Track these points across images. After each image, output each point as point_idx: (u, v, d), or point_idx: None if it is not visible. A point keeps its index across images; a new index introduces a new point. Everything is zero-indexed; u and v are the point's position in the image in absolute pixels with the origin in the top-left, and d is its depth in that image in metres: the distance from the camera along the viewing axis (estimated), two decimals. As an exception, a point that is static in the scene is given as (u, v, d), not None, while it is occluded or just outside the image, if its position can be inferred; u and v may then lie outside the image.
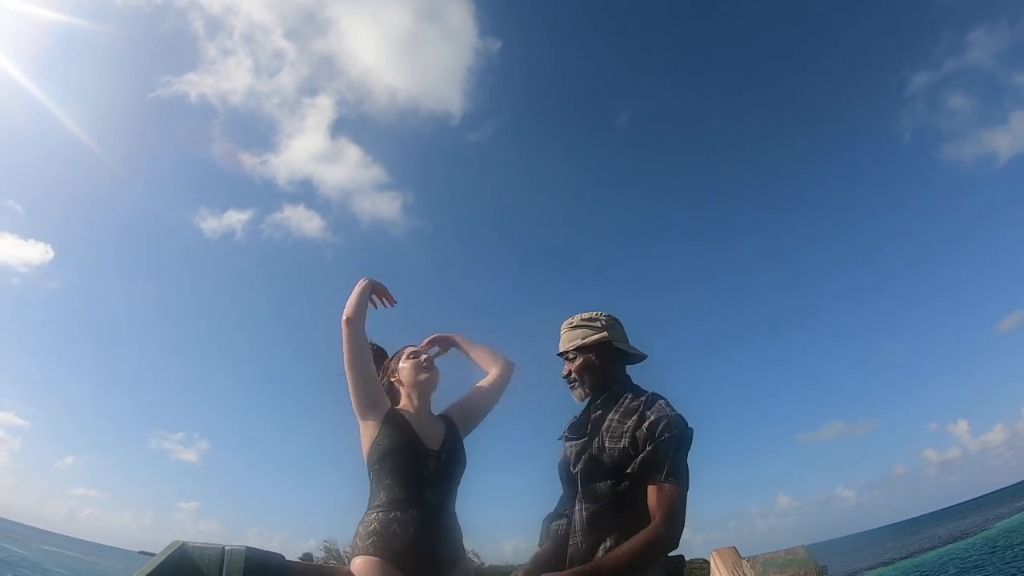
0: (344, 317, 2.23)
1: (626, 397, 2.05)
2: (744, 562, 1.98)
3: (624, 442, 1.93)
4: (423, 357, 2.38)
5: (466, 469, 2.29)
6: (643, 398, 2.01)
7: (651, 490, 1.85)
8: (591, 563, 1.79)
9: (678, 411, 1.98)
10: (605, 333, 2.11)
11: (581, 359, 2.13)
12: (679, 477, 1.85)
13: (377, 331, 2.40)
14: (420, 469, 2.11)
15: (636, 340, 2.21)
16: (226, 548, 1.57)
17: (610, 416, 2.01)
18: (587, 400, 2.16)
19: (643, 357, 2.19)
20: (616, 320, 2.19)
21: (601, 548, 1.89)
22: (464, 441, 2.36)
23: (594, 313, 2.17)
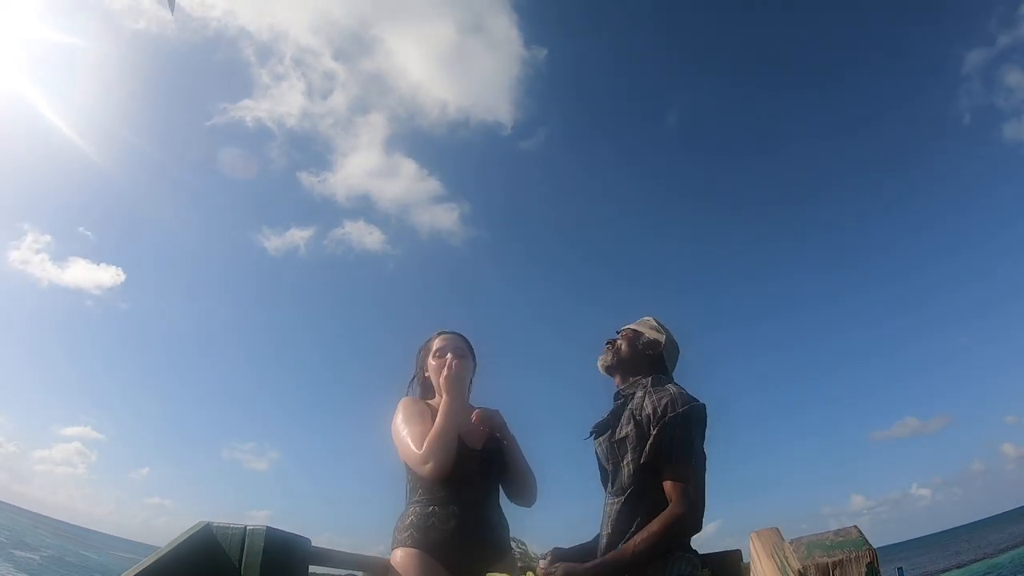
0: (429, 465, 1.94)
1: (641, 385, 2.07)
2: (787, 544, 1.85)
3: (631, 427, 1.94)
4: (448, 357, 2.17)
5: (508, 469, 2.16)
6: (647, 384, 2.02)
7: (664, 474, 1.85)
8: (611, 553, 1.81)
9: (685, 389, 1.96)
10: (659, 337, 2.19)
11: (630, 337, 2.21)
12: (690, 456, 1.83)
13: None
14: (463, 469, 2.03)
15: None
16: (248, 527, 1.60)
17: (629, 405, 2.03)
18: (607, 372, 2.22)
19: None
20: (676, 343, 2.24)
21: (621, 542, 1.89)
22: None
23: (666, 327, 2.26)
